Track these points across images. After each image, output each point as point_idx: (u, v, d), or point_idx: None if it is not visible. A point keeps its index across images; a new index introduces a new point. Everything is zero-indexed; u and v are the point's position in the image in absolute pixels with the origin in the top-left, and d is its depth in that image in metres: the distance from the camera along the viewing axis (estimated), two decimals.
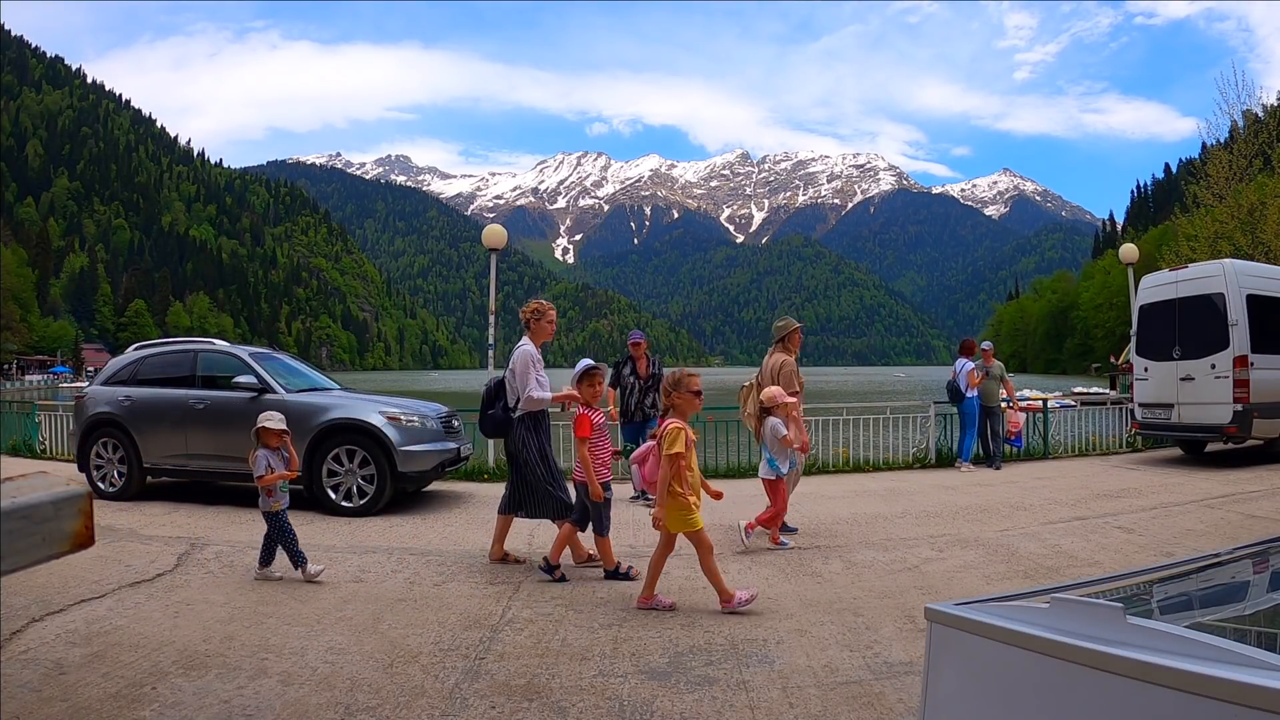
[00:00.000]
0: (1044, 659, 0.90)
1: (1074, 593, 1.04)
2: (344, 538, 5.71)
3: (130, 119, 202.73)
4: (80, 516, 1.63)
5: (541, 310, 5.06)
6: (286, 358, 8.20)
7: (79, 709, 2.75)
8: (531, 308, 5.07)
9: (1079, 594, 1.03)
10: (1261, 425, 8.72)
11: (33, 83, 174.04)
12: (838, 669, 3.14)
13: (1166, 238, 30.91)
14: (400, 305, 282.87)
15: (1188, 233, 20.48)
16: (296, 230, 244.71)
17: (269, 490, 4.55)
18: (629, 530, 6.04)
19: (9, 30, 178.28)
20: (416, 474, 6.79)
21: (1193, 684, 0.75)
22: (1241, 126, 19.80)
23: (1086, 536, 5.58)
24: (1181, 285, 9.45)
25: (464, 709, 2.79)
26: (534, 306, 5.08)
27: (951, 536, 5.65)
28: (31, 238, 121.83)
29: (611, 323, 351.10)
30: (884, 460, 9.72)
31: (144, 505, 6.92)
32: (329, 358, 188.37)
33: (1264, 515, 6.23)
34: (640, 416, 7.58)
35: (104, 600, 4.09)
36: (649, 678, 3.07)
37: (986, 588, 4.33)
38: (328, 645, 3.44)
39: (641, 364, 7.68)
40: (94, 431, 7.38)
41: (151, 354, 7.85)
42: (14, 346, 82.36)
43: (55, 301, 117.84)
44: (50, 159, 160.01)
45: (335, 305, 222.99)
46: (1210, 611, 1.24)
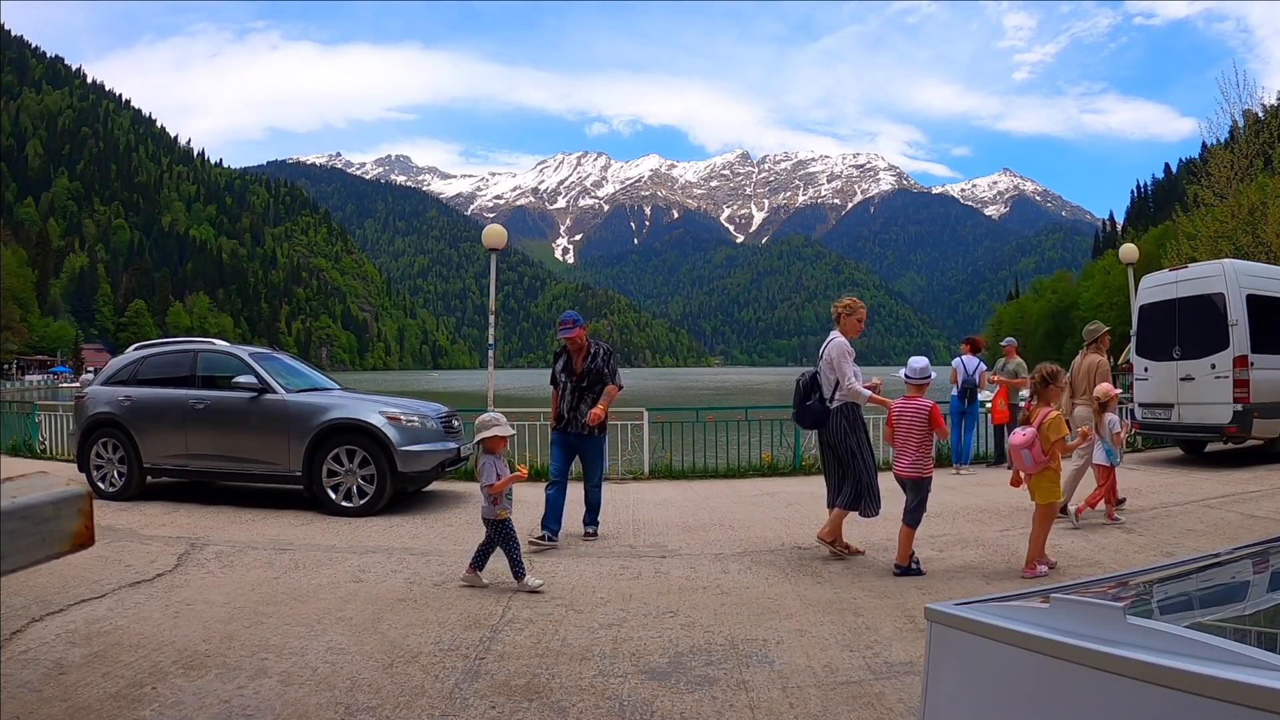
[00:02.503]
0: (1044, 659, 0.90)
1: (1074, 593, 1.04)
2: (344, 538, 5.71)
3: (130, 119, 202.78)
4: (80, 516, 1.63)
5: (853, 307, 5.27)
6: (286, 358, 8.20)
7: (79, 709, 2.75)
8: (845, 304, 5.28)
9: (1079, 594, 1.03)
10: (1261, 425, 8.71)
11: (33, 83, 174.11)
12: (838, 669, 3.13)
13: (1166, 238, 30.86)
14: (400, 305, 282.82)
15: (1188, 232, 20.45)
16: (296, 230, 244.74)
17: (495, 498, 4.37)
18: (629, 530, 6.05)
19: (9, 30, 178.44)
20: (416, 474, 6.79)
21: (1193, 684, 0.75)
22: (1242, 126, 19.79)
23: (1086, 536, 5.58)
24: (1181, 285, 9.44)
25: (464, 709, 2.79)
26: (847, 303, 5.29)
27: (951, 536, 5.65)
28: (31, 238, 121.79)
29: (611, 323, 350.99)
30: (884, 460, 9.70)
31: (144, 505, 6.91)
32: (329, 358, 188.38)
33: (1264, 515, 6.23)
34: (575, 428, 5.67)
35: (104, 600, 4.09)
36: (649, 678, 3.07)
37: (986, 588, 4.33)
38: (328, 645, 3.44)
39: (578, 357, 5.78)
40: (94, 431, 7.38)
41: (151, 354, 7.85)
42: (14, 346, 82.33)
43: (55, 301, 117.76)
44: (50, 159, 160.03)
45: (335, 305, 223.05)
46: (1210, 611, 1.23)
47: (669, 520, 6.40)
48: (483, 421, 4.55)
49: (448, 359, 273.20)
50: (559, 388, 5.82)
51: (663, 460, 9.39)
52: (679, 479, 8.94)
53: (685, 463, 9.47)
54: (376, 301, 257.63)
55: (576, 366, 5.73)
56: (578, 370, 5.72)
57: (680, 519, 6.46)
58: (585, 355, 5.77)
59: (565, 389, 5.75)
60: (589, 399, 5.67)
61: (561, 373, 5.82)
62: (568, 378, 5.75)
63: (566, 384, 5.75)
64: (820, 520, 6.33)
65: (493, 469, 4.41)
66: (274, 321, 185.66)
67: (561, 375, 5.81)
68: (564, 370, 5.80)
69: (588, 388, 5.70)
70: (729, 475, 9.04)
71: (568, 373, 5.77)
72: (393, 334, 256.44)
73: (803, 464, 9.30)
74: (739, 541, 5.58)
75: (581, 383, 5.70)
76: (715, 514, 6.64)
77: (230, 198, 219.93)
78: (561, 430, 5.76)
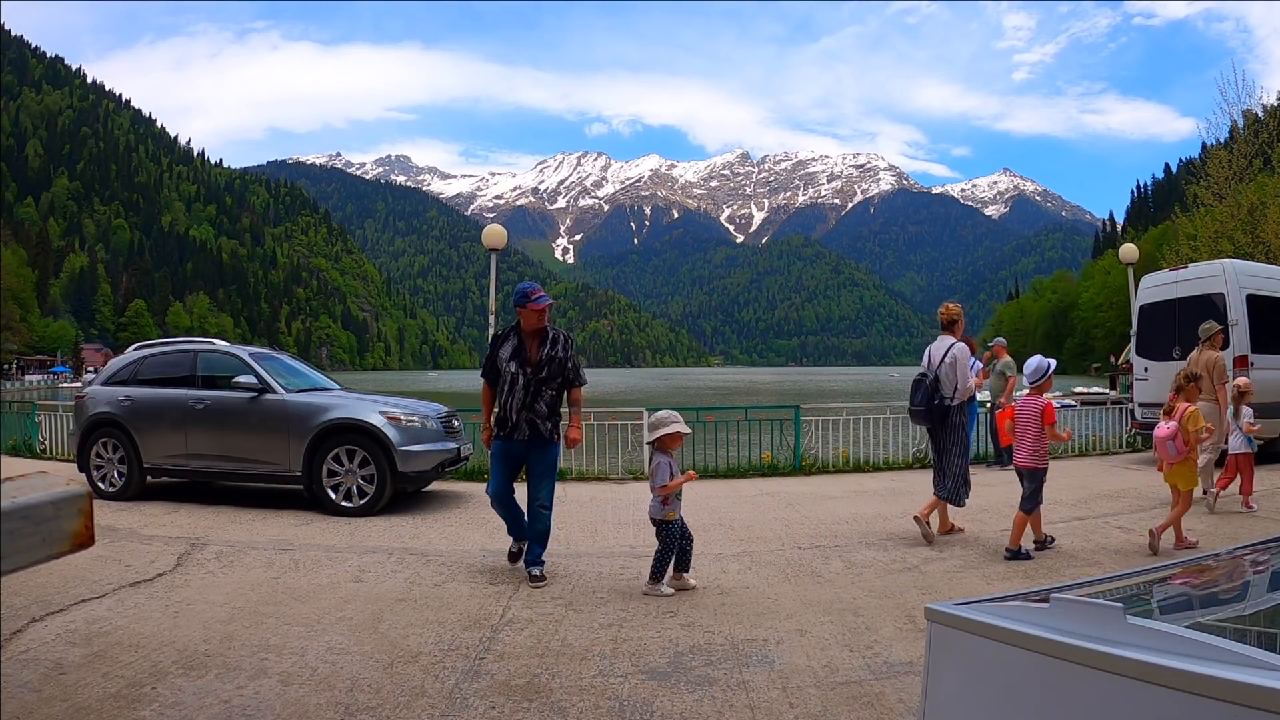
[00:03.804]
0: (1044, 659, 0.90)
1: (1074, 593, 1.04)
2: (344, 538, 5.71)
3: (130, 119, 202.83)
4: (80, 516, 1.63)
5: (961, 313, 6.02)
6: (286, 358, 8.19)
7: (79, 709, 2.75)
8: (955, 311, 5.94)
9: (1079, 594, 1.03)
10: (1262, 425, 8.71)
11: (33, 83, 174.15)
12: (838, 669, 3.14)
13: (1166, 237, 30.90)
14: (400, 305, 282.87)
15: (1188, 232, 20.47)
16: (296, 230, 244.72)
17: (666, 498, 4.26)
18: (629, 530, 6.05)
19: (9, 30, 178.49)
20: (416, 474, 6.79)
21: (1193, 684, 0.75)
22: (1241, 126, 19.81)
23: (1086, 536, 5.58)
24: (1181, 285, 9.45)
25: (464, 709, 2.79)
26: (957, 311, 5.95)
27: (951, 536, 5.65)
28: (31, 238, 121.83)
29: (611, 323, 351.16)
30: (884, 460, 9.72)
31: (144, 505, 6.91)
32: (329, 358, 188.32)
33: (1264, 515, 6.23)
34: (525, 434, 4.54)
35: (104, 600, 4.08)
36: (649, 678, 3.07)
37: (986, 588, 4.33)
38: (328, 645, 3.44)
39: (534, 342, 4.61)
40: (94, 431, 7.38)
41: (151, 354, 7.85)
42: (14, 346, 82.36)
43: (55, 301, 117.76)
44: (50, 159, 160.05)
45: (335, 305, 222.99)
46: (1210, 611, 1.24)
47: None
48: (661, 419, 4.38)
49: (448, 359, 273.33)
50: (505, 380, 4.59)
51: None
52: None
53: (685, 463, 9.45)
54: (376, 301, 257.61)
55: (532, 354, 4.58)
56: (534, 358, 4.57)
57: None
58: (544, 340, 4.62)
59: (515, 382, 4.55)
60: (545, 396, 4.57)
61: (510, 360, 4.57)
62: (520, 367, 4.55)
63: (518, 375, 4.54)
64: (820, 519, 6.36)
65: (667, 469, 4.29)
66: (274, 321, 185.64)
67: (511, 364, 4.56)
68: (514, 357, 4.58)
69: (546, 380, 4.57)
70: (729, 475, 9.04)
71: (519, 361, 4.56)
72: (393, 334, 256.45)
73: (803, 464, 9.30)
74: (739, 541, 5.58)
75: (540, 374, 4.55)
76: (715, 514, 6.64)
77: (230, 198, 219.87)
78: (506, 437, 4.58)
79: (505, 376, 4.58)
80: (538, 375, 4.54)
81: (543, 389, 4.56)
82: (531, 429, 4.54)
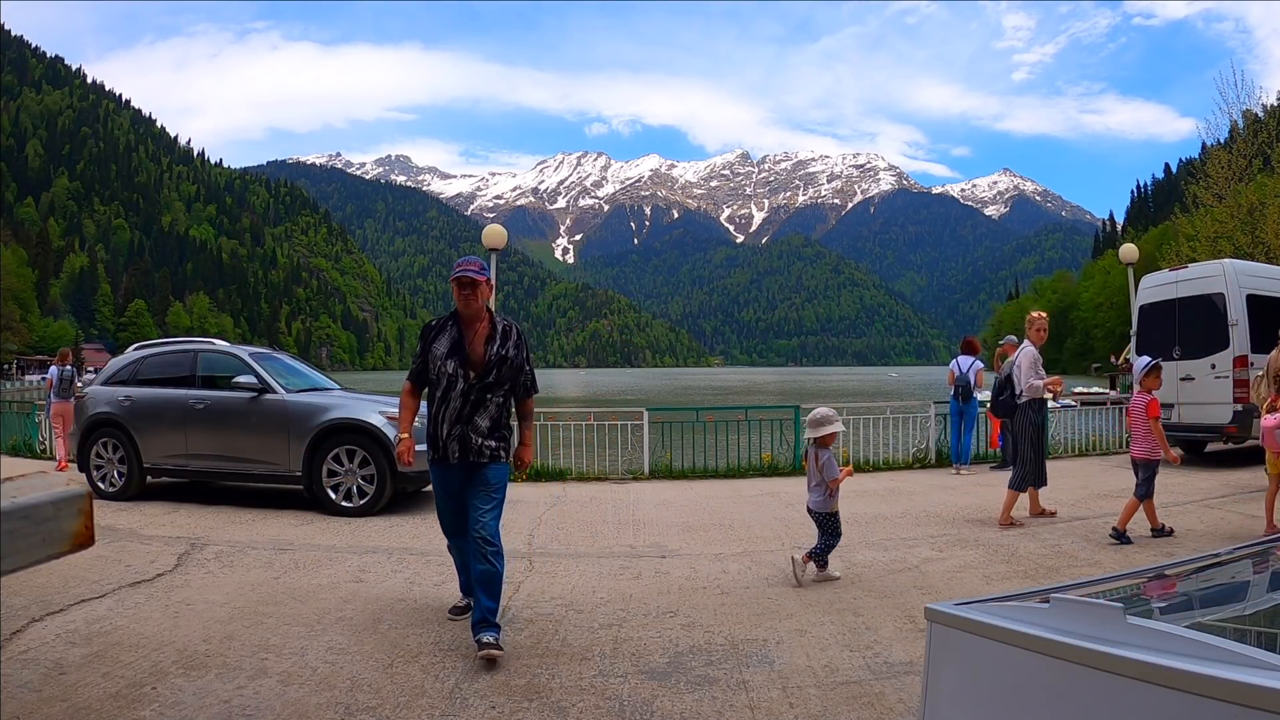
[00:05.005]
0: (1044, 659, 0.90)
1: (1074, 593, 1.04)
2: (344, 538, 5.71)
3: (130, 119, 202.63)
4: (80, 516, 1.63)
5: (1033, 320, 6.64)
6: (286, 358, 8.20)
7: (79, 709, 2.75)
8: (1028, 318, 6.67)
9: (1079, 594, 1.03)
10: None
11: (33, 83, 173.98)
12: (838, 669, 3.14)
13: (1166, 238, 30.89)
14: (400, 305, 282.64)
15: (1188, 232, 20.48)
16: (296, 230, 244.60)
17: (833, 491, 4.57)
18: (629, 530, 6.05)
19: (9, 30, 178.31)
20: (416, 474, 6.79)
21: (1193, 684, 0.75)
22: (1241, 126, 19.80)
23: (1086, 536, 5.59)
24: (1181, 285, 9.45)
25: (464, 709, 2.79)
26: (1029, 317, 6.65)
27: (951, 536, 5.65)
28: (31, 238, 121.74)
29: (611, 323, 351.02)
30: (884, 460, 9.72)
31: (144, 505, 6.92)
32: (329, 358, 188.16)
33: (1264, 515, 6.22)
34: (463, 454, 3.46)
35: (104, 600, 4.09)
36: (649, 678, 3.07)
37: (986, 588, 4.33)
38: (328, 645, 3.44)
39: (478, 336, 3.50)
40: (94, 431, 7.38)
41: (151, 354, 7.85)
42: (14, 346, 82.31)
43: (55, 301, 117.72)
44: (50, 159, 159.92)
45: (335, 305, 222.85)
46: (1210, 611, 1.24)
47: (669, 520, 6.40)
48: (824, 417, 4.61)
49: None
50: (438, 384, 3.50)
51: (663, 460, 9.39)
52: (679, 479, 8.94)
53: (685, 463, 9.47)
54: (376, 301, 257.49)
55: (477, 351, 3.48)
56: (480, 357, 3.47)
57: (680, 519, 6.46)
58: (491, 334, 3.52)
59: (451, 387, 3.45)
60: (490, 408, 3.48)
61: (448, 359, 3.46)
62: (459, 368, 3.45)
63: (456, 379, 3.45)
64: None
65: (834, 464, 4.56)
66: (274, 321, 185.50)
67: (448, 363, 3.46)
68: (452, 354, 3.47)
69: (493, 386, 3.49)
70: (729, 475, 9.04)
71: (459, 360, 3.46)
72: (393, 334, 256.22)
73: (802, 464, 9.29)
74: (739, 541, 5.58)
75: (485, 378, 3.46)
76: (715, 514, 6.64)
77: (230, 198, 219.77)
78: (442, 461, 3.52)
79: (440, 379, 3.47)
80: (482, 380, 3.45)
81: (486, 398, 3.47)
82: (463, 447, 3.45)
